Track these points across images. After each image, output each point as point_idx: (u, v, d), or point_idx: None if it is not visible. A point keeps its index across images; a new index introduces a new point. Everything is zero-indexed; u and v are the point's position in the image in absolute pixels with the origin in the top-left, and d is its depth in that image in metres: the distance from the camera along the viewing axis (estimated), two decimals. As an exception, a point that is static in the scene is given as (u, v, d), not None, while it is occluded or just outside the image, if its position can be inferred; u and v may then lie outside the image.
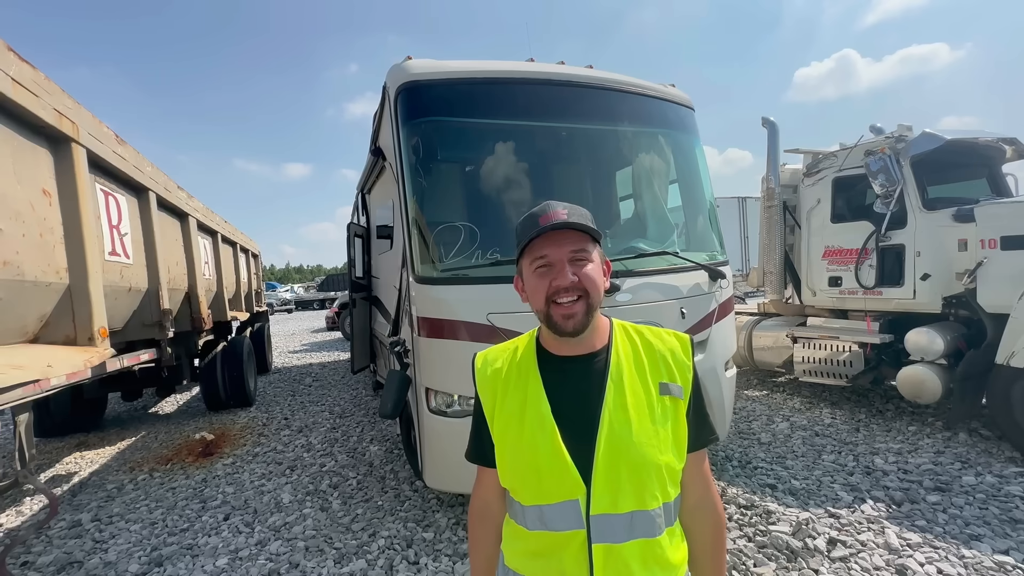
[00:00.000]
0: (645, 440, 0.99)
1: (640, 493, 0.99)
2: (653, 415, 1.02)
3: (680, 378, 1.06)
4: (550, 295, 1.02)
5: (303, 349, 13.16)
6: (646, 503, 0.99)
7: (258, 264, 10.06)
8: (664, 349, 1.09)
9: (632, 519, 0.98)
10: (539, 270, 1.04)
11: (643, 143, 3.86)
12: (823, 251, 5.28)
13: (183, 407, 7.32)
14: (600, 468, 0.98)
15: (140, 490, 4.22)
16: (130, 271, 3.54)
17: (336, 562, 2.95)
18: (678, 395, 1.05)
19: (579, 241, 1.03)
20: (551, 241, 1.03)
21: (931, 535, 2.89)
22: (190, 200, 5.20)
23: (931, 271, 4.45)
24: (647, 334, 1.12)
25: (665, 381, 1.05)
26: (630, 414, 1.01)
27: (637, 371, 1.06)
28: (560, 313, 1.02)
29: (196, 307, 5.12)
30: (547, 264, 1.03)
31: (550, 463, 1.00)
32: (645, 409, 1.02)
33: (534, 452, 1.02)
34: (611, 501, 0.98)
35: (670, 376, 1.06)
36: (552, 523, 1.01)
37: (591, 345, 1.08)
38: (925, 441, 4.28)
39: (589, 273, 1.02)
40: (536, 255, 1.04)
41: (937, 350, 4.27)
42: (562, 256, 1.02)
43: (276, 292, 34.32)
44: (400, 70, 3.32)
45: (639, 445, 0.99)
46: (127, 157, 3.47)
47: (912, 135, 4.68)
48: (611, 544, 0.98)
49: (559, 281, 1.01)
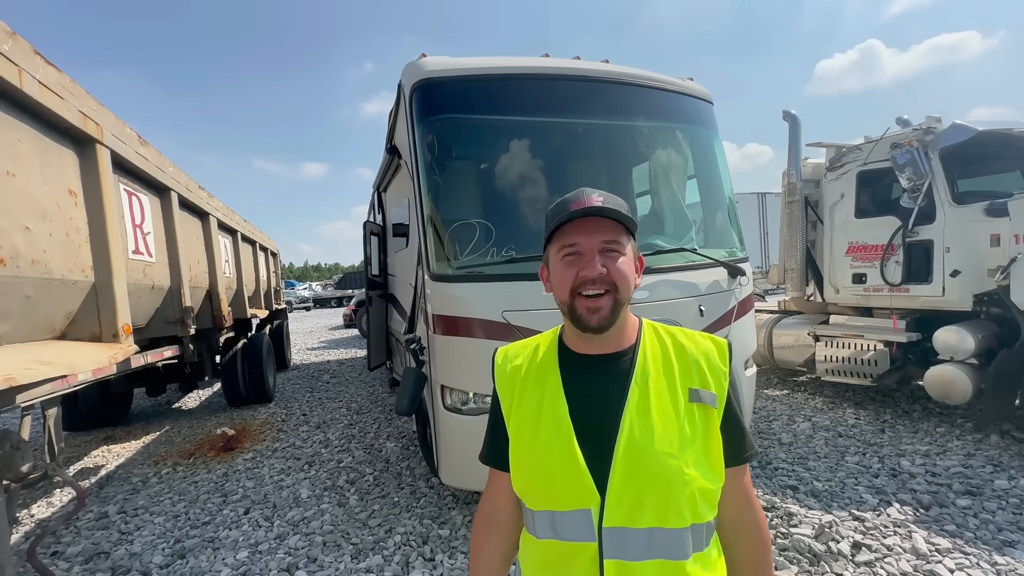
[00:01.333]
0: (668, 450, 0.91)
1: (662, 509, 0.90)
2: (680, 423, 0.93)
3: (715, 385, 0.97)
4: (576, 286, 0.95)
5: (321, 346, 13.33)
6: (668, 520, 0.90)
7: (277, 262, 10.21)
8: (698, 353, 1.00)
9: (651, 536, 0.90)
10: (567, 258, 0.97)
11: (661, 138, 3.80)
12: (847, 247, 5.14)
13: (205, 403, 7.48)
14: (616, 477, 0.90)
15: (164, 483, 4.32)
16: (153, 269, 3.61)
17: (353, 557, 2.97)
18: (711, 403, 0.95)
19: (612, 231, 0.96)
20: (582, 229, 0.95)
21: (961, 540, 2.79)
22: (211, 199, 5.29)
23: (961, 267, 4.29)
24: (679, 336, 1.04)
25: (696, 387, 0.96)
26: (653, 420, 0.92)
27: (666, 374, 0.98)
28: (585, 306, 0.94)
29: (217, 304, 5.21)
30: (576, 253, 0.96)
31: (564, 467, 0.93)
32: (672, 416, 0.93)
33: (548, 455, 0.95)
34: (627, 514, 0.90)
35: (703, 382, 0.97)
36: (563, 532, 0.94)
37: (617, 344, 1.01)
38: (954, 443, 4.14)
39: (620, 267, 0.95)
40: (565, 242, 0.97)
41: (967, 349, 4.12)
42: (593, 246, 0.94)
43: (295, 290, 34.85)
44: (415, 68, 3.32)
45: (661, 455, 0.90)
46: (149, 157, 3.54)
47: (941, 127, 4.52)
48: (625, 561, 0.90)
49: (587, 272, 0.93)
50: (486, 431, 1.15)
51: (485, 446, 1.14)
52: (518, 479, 1.02)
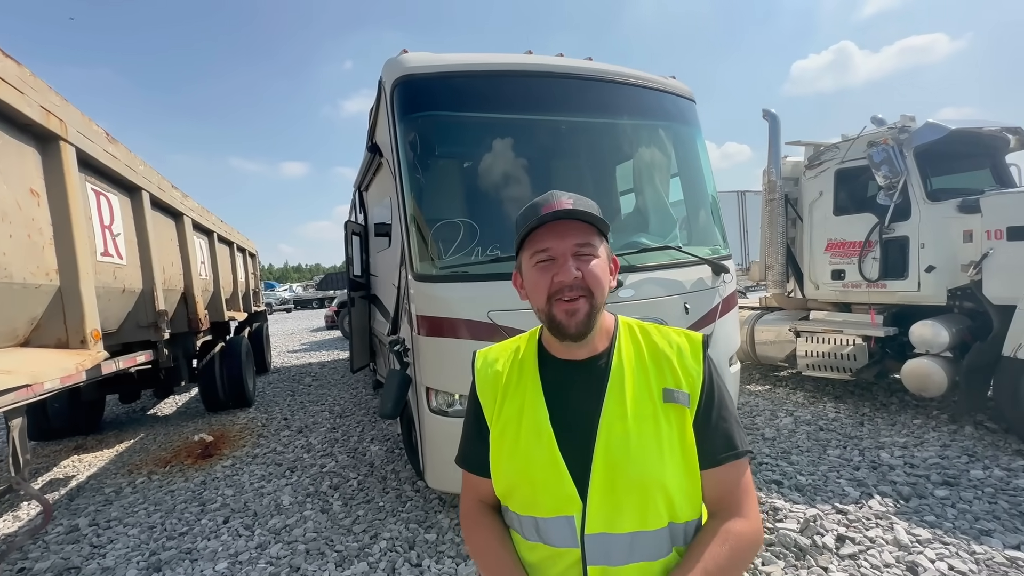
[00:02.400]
0: (646, 454, 0.91)
1: (642, 512, 0.91)
2: (656, 426, 0.93)
3: (686, 384, 0.96)
4: (552, 293, 0.94)
5: (302, 348, 13.10)
6: (648, 523, 0.91)
7: (255, 263, 9.99)
8: (670, 351, 0.99)
9: (633, 541, 0.91)
10: (540, 264, 0.95)
11: (644, 136, 3.80)
12: (826, 244, 5.23)
13: (182, 408, 7.27)
14: (596, 484, 0.91)
15: (138, 493, 4.17)
16: (124, 272, 3.47)
17: (337, 565, 2.90)
18: (684, 403, 0.95)
19: (585, 234, 0.95)
20: (554, 233, 0.94)
21: (941, 531, 2.85)
22: (185, 199, 5.13)
23: (936, 263, 4.40)
24: (653, 334, 1.03)
25: (670, 387, 0.96)
26: (629, 425, 0.92)
27: (640, 376, 0.97)
28: (563, 309, 0.93)
29: (193, 307, 5.06)
30: (549, 258, 0.94)
31: (545, 476, 0.93)
32: (648, 419, 0.93)
33: (529, 462, 0.95)
34: (608, 520, 0.91)
35: (675, 382, 0.96)
36: (547, 536, 0.95)
37: (593, 348, 1.00)
38: (931, 435, 4.24)
39: (594, 270, 0.94)
40: (537, 248, 0.95)
41: (942, 343, 4.22)
42: (566, 250, 0.93)
43: (275, 291, 34.23)
44: (396, 64, 3.25)
45: (639, 460, 0.90)
46: (118, 156, 3.40)
47: (915, 125, 4.62)
48: (608, 567, 0.90)
49: (562, 276, 0.92)
50: (463, 434, 1.14)
51: (462, 450, 1.12)
52: (500, 484, 1.02)
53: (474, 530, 1.06)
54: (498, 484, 1.03)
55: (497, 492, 1.04)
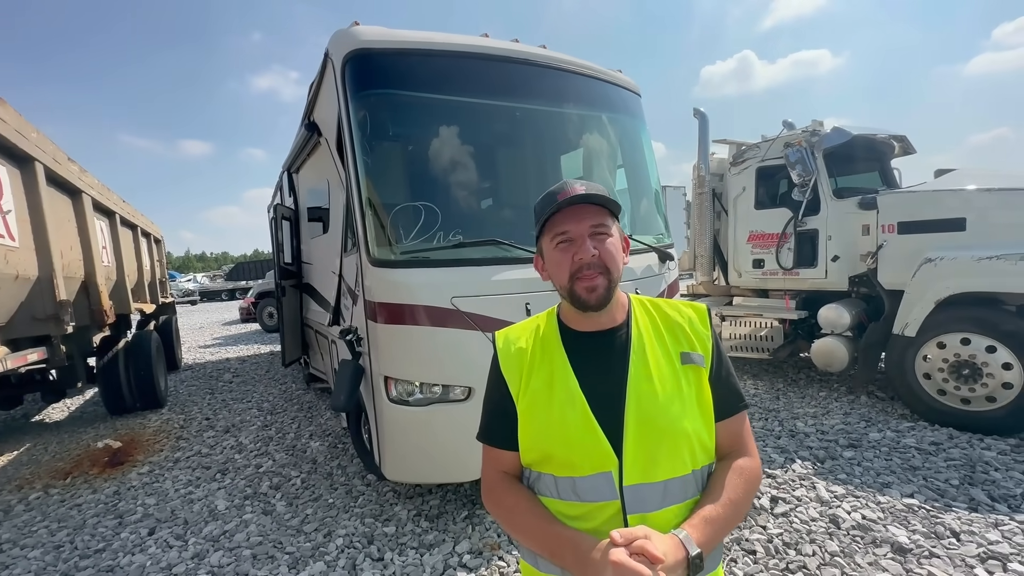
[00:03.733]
0: (672, 409, 1.01)
1: (672, 461, 1.01)
2: (677, 384, 1.04)
3: (700, 347, 1.08)
4: (573, 271, 1.03)
5: (216, 343, 12.08)
6: (677, 470, 1.01)
7: (161, 250, 9.01)
8: (682, 319, 1.12)
9: (665, 488, 1.00)
10: (560, 245, 1.05)
11: (595, 126, 3.90)
12: (748, 235, 5.70)
13: (76, 413, 6.43)
14: (630, 439, 1.00)
15: (35, 510, 3.64)
16: (16, 255, 2.99)
17: (291, 567, 2.73)
18: (700, 363, 1.07)
19: (599, 216, 1.04)
20: (571, 216, 1.03)
21: (852, 486, 3.25)
22: (83, 175, 4.49)
23: (840, 253, 4.96)
24: (664, 306, 1.15)
25: (686, 350, 1.07)
26: (655, 384, 1.02)
27: (658, 342, 1.08)
28: (583, 285, 1.02)
29: (96, 298, 4.46)
30: (568, 239, 1.04)
31: (581, 437, 1.01)
32: (670, 379, 1.04)
33: (563, 427, 1.02)
34: (643, 471, 0.99)
35: (690, 345, 1.08)
36: (585, 494, 1.01)
37: (612, 320, 1.10)
38: (834, 404, 4.80)
39: (609, 248, 1.04)
40: (557, 231, 1.05)
41: (844, 323, 4.79)
42: (583, 231, 1.03)
43: (177, 282, 31.08)
44: (347, 36, 3.06)
45: (666, 414, 1.01)
46: (7, 119, 2.90)
47: (824, 130, 5.15)
48: (645, 513, 0.99)
49: (581, 255, 1.01)
50: (485, 412, 1.19)
51: (485, 426, 1.17)
52: (533, 452, 1.07)
53: (503, 495, 1.10)
54: (530, 453, 1.08)
55: (528, 461, 1.09)
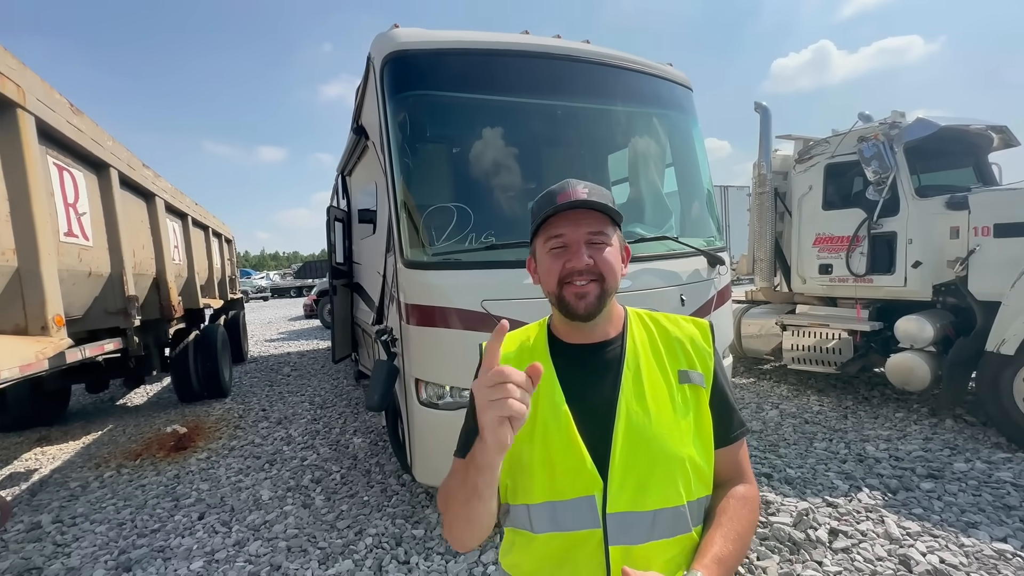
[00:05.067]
0: (665, 432, 0.93)
1: (664, 489, 0.92)
2: (674, 405, 0.96)
3: (700, 365, 1.01)
4: (563, 277, 0.96)
5: (280, 338, 12.79)
6: (669, 500, 0.92)
7: (232, 249, 9.65)
8: (682, 335, 1.04)
9: (655, 518, 0.91)
10: (554, 251, 0.98)
11: (641, 123, 3.72)
12: (814, 238, 5.25)
13: (153, 399, 6.99)
14: (617, 462, 0.91)
15: (107, 488, 3.97)
16: (90, 254, 3.25)
17: (321, 563, 2.78)
18: (699, 383, 0.99)
19: (598, 222, 0.97)
20: (568, 220, 0.96)
21: (929, 523, 2.87)
22: (157, 179, 4.86)
23: (922, 259, 4.44)
24: (663, 321, 1.07)
25: (684, 369, 1.00)
26: (648, 404, 0.95)
27: (655, 359, 1.00)
28: (572, 292, 0.96)
29: (165, 294, 4.82)
30: (563, 245, 0.97)
31: (564, 456, 0.93)
32: (665, 399, 0.96)
33: (546, 445, 0.95)
34: (630, 498, 0.91)
35: (689, 363, 1.00)
36: (565, 522, 0.92)
37: (605, 333, 1.03)
38: (912, 427, 4.30)
39: (607, 257, 0.96)
40: (552, 234, 0.98)
41: (927, 337, 4.28)
42: (579, 237, 0.96)
43: (251, 279, 33.37)
44: (386, 39, 3.08)
45: (659, 437, 0.92)
46: (84, 129, 3.17)
47: (906, 121, 4.64)
48: (630, 546, 0.90)
49: (574, 263, 0.95)
50: (465, 427, 1.07)
51: (464, 442, 1.04)
52: (513, 472, 0.97)
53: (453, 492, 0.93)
54: (510, 472, 0.98)
55: (503, 483, 0.99)
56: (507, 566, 1.04)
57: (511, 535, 1.02)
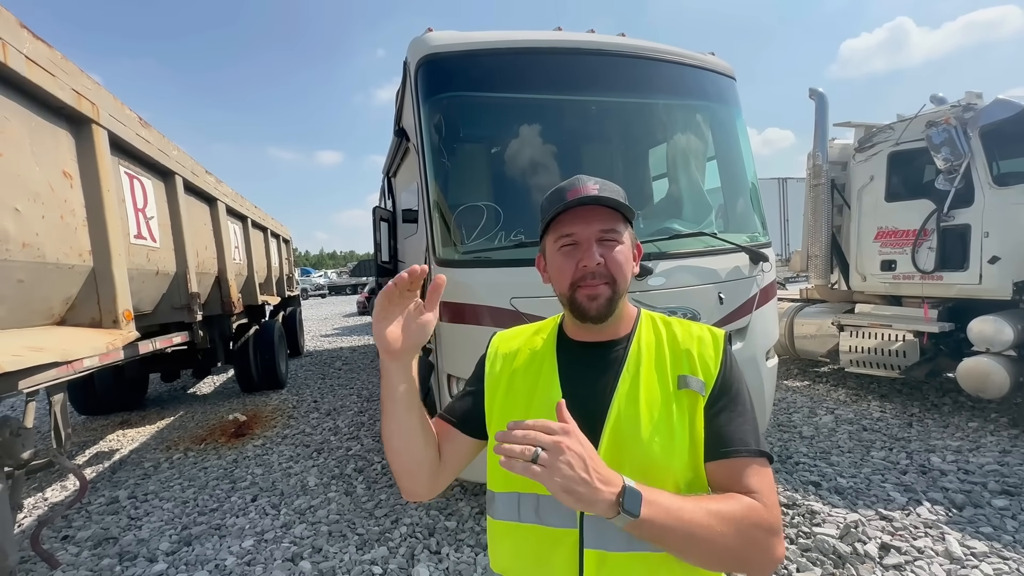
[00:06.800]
0: (655, 439, 0.89)
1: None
2: (667, 411, 0.92)
3: (703, 372, 0.95)
4: (575, 279, 0.94)
5: (334, 333, 13.40)
6: None
7: (289, 249, 10.20)
8: (690, 341, 0.99)
9: None
10: (564, 249, 0.96)
11: (681, 116, 3.60)
12: (875, 232, 4.89)
13: (219, 388, 7.54)
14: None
15: (175, 469, 4.33)
16: (157, 254, 3.55)
17: (358, 548, 2.92)
18: (697, 389, 0.93)
19: (609, 220, 0.95)
20: (579, 218, 0.94)
21: (999, 544, 2.62)
22: (219, 185, 5.23)
23: (1001, 253, 4.04)
24: (675, 326, 1.03)
25: (684, 374, 0.95)
26: (641, 408, 0.91)
27: (657, 363, 0.97)
28: (585, 294, 0.94)
29: (226, 291, 5.17)
30: (573, 243, 0.95)
31: None
32: (659, 404, 0.92)
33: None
34: None
35: (691, 369, 0.96)
36: (546, 516, 0.92)
37: (613, 332, 1.01)
38: (988, 439, 3.93)
39: (617, 257, 0.94)
40: (562, 232, 0.96)
41: (1005, 340, 3.89)
42: (590, 235, 0.94)
43: (310, 277, 35.17)
44: (420, 43, 3.16)
45: (646, 443, 0.89)
46: (151, 140, 3.46)
47: (982, 103, 4.23)
48: (606, 552, 0.87)
49: (585, 261, 0.93)
50: (457, 393, 1.13)
51: (450, 404, 1.11)
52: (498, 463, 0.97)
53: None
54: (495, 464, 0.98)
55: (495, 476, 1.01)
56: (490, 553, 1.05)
57: (495, 524, 1.01)
